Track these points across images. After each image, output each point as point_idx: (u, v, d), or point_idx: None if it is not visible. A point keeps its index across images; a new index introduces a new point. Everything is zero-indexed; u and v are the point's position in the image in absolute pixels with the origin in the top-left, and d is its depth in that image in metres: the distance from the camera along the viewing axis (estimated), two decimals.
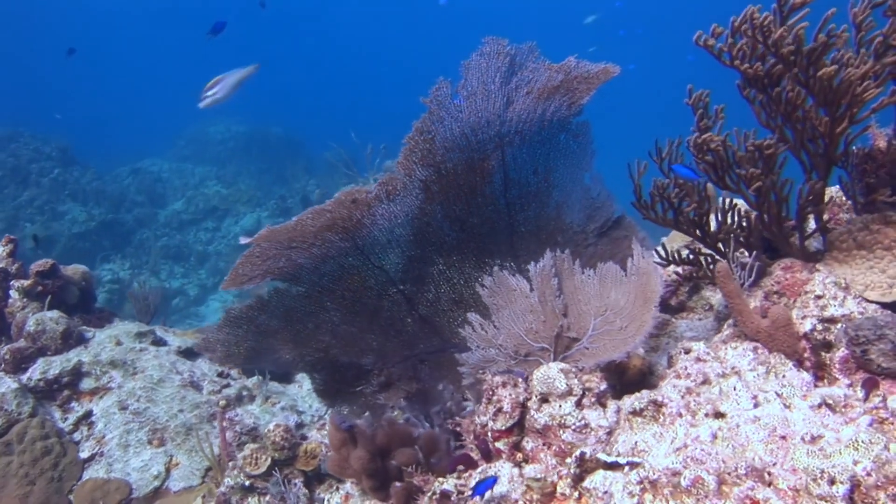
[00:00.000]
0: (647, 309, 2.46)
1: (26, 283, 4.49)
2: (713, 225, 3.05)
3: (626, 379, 2.88)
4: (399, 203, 2.60)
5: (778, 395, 2.11)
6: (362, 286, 2.73)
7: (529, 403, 2.43)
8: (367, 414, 2.99)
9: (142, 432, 4.11)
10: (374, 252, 2.69)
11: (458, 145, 2.59)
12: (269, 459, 3.61)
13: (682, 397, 2.17)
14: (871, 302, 2.65)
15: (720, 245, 3.02)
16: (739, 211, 2.95)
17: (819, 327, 2.62)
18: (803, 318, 2.67)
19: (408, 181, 2.56)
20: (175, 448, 4.12)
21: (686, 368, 2.45)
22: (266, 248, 2.42)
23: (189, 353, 4.76)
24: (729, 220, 2.98)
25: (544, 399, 2.40)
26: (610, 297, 2.58)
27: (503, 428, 2.41)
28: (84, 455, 3.97)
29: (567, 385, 2.35)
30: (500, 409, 2.40)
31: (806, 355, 2.63)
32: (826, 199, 3.04)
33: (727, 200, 3.00)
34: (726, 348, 2.58)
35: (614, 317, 2.53)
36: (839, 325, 2.61)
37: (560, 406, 2.33)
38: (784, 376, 2.32)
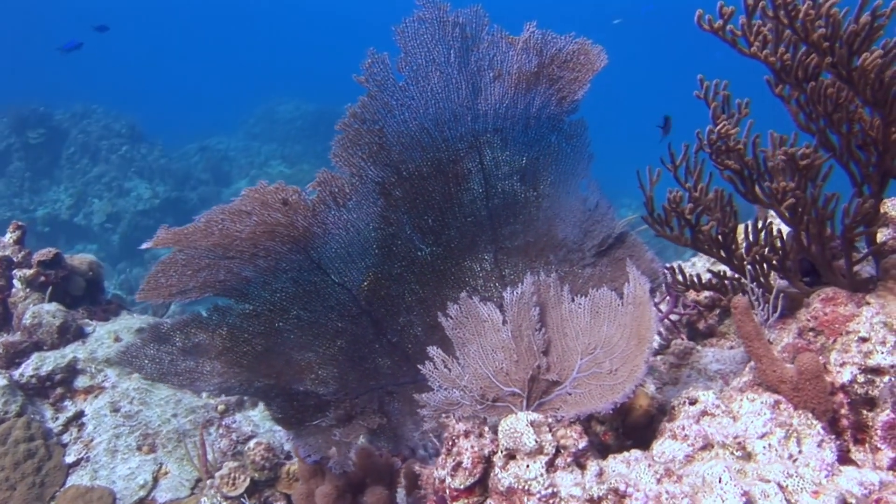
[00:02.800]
0: (641, 350, 2.03)
1: (29, 272, 4.32)
2: (742, 243, 2.57)
3: (630, 421, 2.46)
4: (354, 210, 2.23)
5: (781, 487, 1.66)
6: (321, 306, 2.38)
7: (495, 458, 2.04)
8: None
9: (132, 437, 3.89)
10: (333, 267, 2.34)
11: (419, 142, 2.20)
12: (248, 480, 3.33)
13: (658, 482, 1.74)
14: None
15: (749, 268, 2.55)
16: (771, 229, 2.46)
17: (860, 378, 2.15)
18: (842, 364, 2.20)
19: (358, 183, 2.19)
20: (165, 456, 3.89)
21: (684, 429, 2.02)
22: (192, 255, 2.10)
23: None
24: (760, 240, 2.50)
25: (511, 455, 2.01)
26: (602, 331, 2.16)
27: (462, 487, 2.04)
28: (70, 459, 3.78)
29: (537, 441, 1.96)
30: (459, 464, 2.03)
31: (843, 412, 2.16)
32: (882, 214, 2.53)
33: (760, 216, 2.52)
34: (742, 400, 2.13)
35: (604, 356, 2.11)
36: (887, 379, 2.13)
37: (527, 467, 1.94)
38: (802, 451, 1.86)
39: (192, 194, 15.05)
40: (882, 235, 3.01)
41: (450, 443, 2.09)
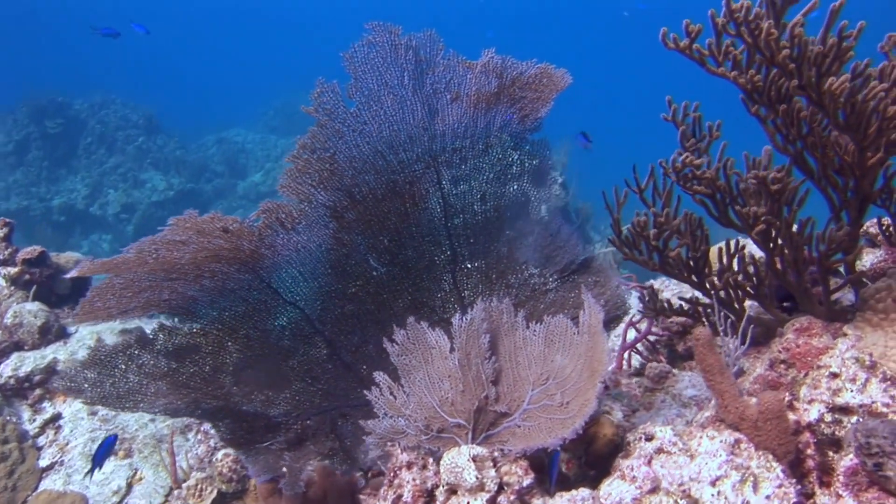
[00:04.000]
0: (593, 384, 1.94)
1: (13, 270, 4.30)
2: (716, 267, 2.46)
3: (594, 450, 2.36)
4: (304, 233, 2.16)
5: None
6: (273, 325, 2.30)
7: (437, 492, 1.96)
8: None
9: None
10: (284, 286, 2.26)
11: (373, 166, 2.12)
12: (216, 492, 3.27)
13: None
14: None
15: (723, 294, 2.43)
16: (744, 256, 2.35)
17: (828, 418, 2.04)
18: (810, 401, 2.09)
19: (308, 208, 2.11)
20: (141, 461, 3.84)
21: (633, 469, 1.92)
22: (132, 278, 2.03)
23: None
24: (733, 265, 2.39)
25: (453, 490, 1.92)
26: (555, 361, 2.06)
27: None
28: (44, 463, 3.75)
29: (478, 478, 1.87)
30: (399, 497, 1.95)
31: (809, 452, 2.05)
32: (864, 232, 2.41)
33: (732, 241, 2.41)
34: (702, 437, 2.03)
35: (556, 388, 2.01)
36: (854, 420, 2.01)
37: None
38: (757, 495, 1.76)
39: (207, 186, 15.08)
40: (872, 257, 2.88)
41: (392, 474, 2.00)
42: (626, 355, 3.11)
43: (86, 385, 2.15)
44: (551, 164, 2.14)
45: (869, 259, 2.88)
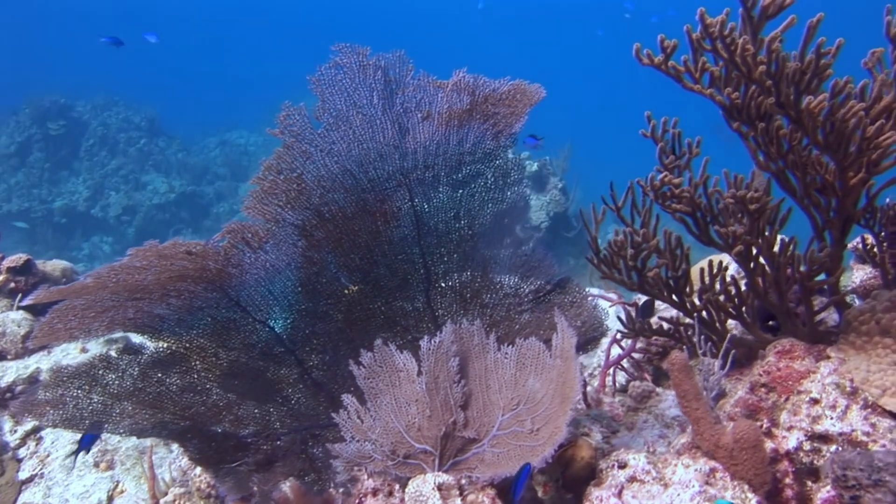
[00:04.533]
0: (564, 411, 1.88)
1: None
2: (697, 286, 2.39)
3: (570, 473, 2.30)
4: (273, 252, 2.11)
5: None
6: (242, 344, 2.25)
7: None
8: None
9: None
10: (253, 305, 2.21)
11: (342, 184, 2.06)
12: None
13: None
14: (890, 414, 1.98)
15: (704, 315, 2.37)
16: (724, 276, 2.29)
17: (807, 446, 1.98)
18: (790, 428, 2.03)
19: (275, 227, 2.06)
20: (123, 473, 3.79)
21: (601, 501, 1.86)
22: (93, 299, 1.98)
23: None
24: (716, 286, 2.33)
25: None
26: (527, 385, 2.01)
27: None
28: (23, 475, 3.70)
29: None
30: None
31: (787, 481, 1.98)
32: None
33: (714, 260, 2.35)
34: (676, 465, 1.97)
35: (527, 414, 1.96)
36: (833, 448, 1.95)
37: None
38: None
39: (208, 189, 15.07)
40: (863, 274, 2.82)
41: (357, 501, 1.95)
42: (612, 372, 3.05)
43: (48, 408, 2.10)
44: (525, 182, 2.07)
45: (859, 276, 2.82)
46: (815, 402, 2.02)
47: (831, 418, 1.97)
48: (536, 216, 9.55)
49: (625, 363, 3.03)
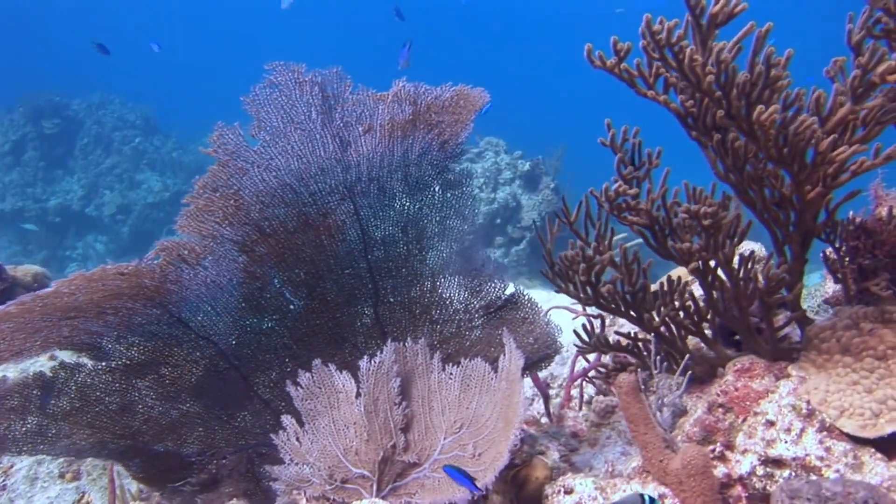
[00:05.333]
0: (507, 435, 1.81)
1: None
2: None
3: (525, 494, 2.24)
4: (212, 267, 2.04)
5: None
6: (185, 360, 2.18)
7: None
8: None
9: (55, 463, 3.73)
10: (196, 321, 2.14)
11: (282, 199, 2.00)
12: None
13: None
14: (847, 436, 1.91)
15: (664, 330, 2.29)
16: (682, 291, 2.21)
17: (760, 471, 1.91)
18: (744, 451, 1.96)
19: (213, 244, 1.99)
20: (89, 484, 3.72)
21: None
22: (22, 322, 1.91)
23: None
24: (675, 301, 2.25)
25: None
26: (471, 408, 1.94)
27: None
28: None
29: None
30: None
31: None
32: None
33: (672, 275, 2.27)
34: (625, 492, 1.89)
35: (470, 438, 1.89)
36: (787, 474, 1.88)
37: None
38: None
39: None
40: (836, 285, 2.74)
41: None
42: (580, 384, 2.98)
43: None
44: (473, 195, 2.00)
45: (832, 286, 2.74)
46: (771, 424, 1.95)
47: (786, 442, 1.90)
48: (528, 216, 9.47)
49: (594, 375, 2.95)
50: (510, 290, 2.21)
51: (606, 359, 2.93)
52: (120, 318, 2.07)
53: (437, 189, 2.10)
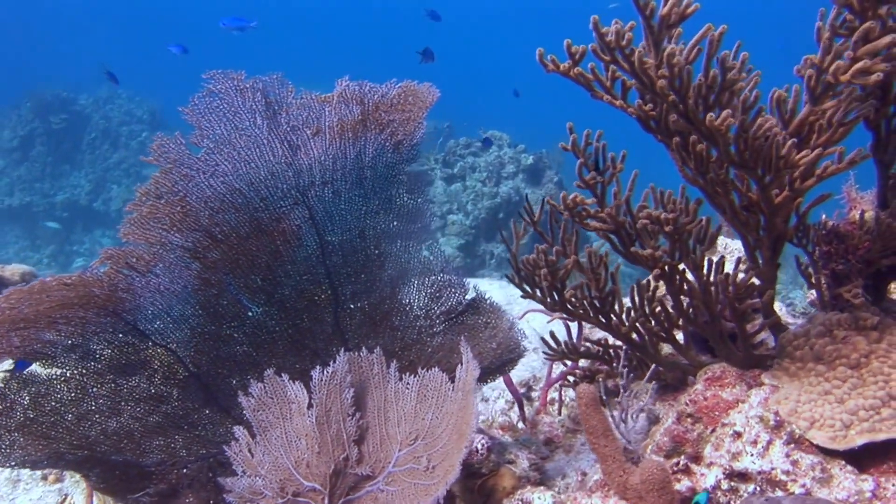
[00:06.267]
0: (459, 448, 1.75)
1: None
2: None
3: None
4: (164, 275, 1.99)
5: None
6: (143, 369, 2.14)
7: None
8: None
9: None
10: (152, 329, 2.10)
11: (232, 204, 1.95)
12: None
13: None
14: (817, 448, 1.84)
15: (635, 336, 2.23)
16: (653, 297, 2.14)
17: (724, 485, 1.85)
18: (710, 464, 1.89)
19: (162, 251, 1.94)
20: (72, 486, 3.70)
21: None
22: None
23: None
24: (645, 306, 2.18)
25: None
26: (427, 419, 1.88)
27: None
28: None
29: None
30: None
31: None
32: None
33: (642, 280, 2.20)
34: None
35: (424, 450, 1.83)
36: (751, 489, 1.82)
37: None
38: None
39: None
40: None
41: None
42: (561, 387, 2.92)
43: None
44: (430, 198, 1.94)
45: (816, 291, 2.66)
46: (738, 436, 1.89)
47: (751, 455, 1.83)
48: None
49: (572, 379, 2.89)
50: (471, 294, 2.15)
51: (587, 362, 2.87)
52: (73, 327, 2.03)
53: (393, 192, 2.04)
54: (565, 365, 2.89)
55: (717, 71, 1.56)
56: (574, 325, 2.65)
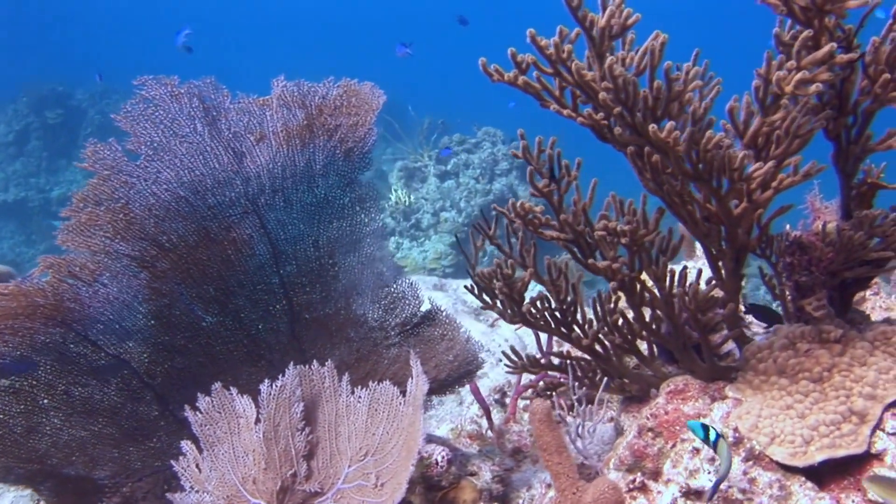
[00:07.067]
0: (406, 465, 1.71)
1: None
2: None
3: None
4: (112, 284, 1.95)
5: None
6: (95, 380, 2.10)
7: None
8: None
9: None
10: (104, 339, 2.06)
11: (179, 212, 1.90)
12: None
13: None
14: (777, 465, 1.80)
15: (599, 347, 2.18)
16: (612, 308, 2.10)
17: (680, 503, 1.80)
18: (667, 482, 1.86)
19: (108, 260, 1.90)
20: None
21: None
22: None
23: None
24: (607, 316, 2.14)
25: None
26: (377, 434, 1.84)
27: None
28: None
29: None
30: None
31: None
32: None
33: (602, 292, 2.15)
34: None
35: (374, 466, 1.79)
36: None
37: None
38: None
39: None
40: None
41: None
42: (533, 395, 2.87)
43: None
44: (381, 208, 1.90)
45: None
46: (697, 452, 1.85)
47: (709, 472, 1.79)
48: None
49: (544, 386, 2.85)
50: (426, 306, 2.10)
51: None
52: (20, 338, 1.99)
53: (346, 201, 2.00)
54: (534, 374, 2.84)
55: (662, 82, 1.51)
56: (544, 337, 2.61)
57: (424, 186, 9.49)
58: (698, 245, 3.34)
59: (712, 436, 1.55)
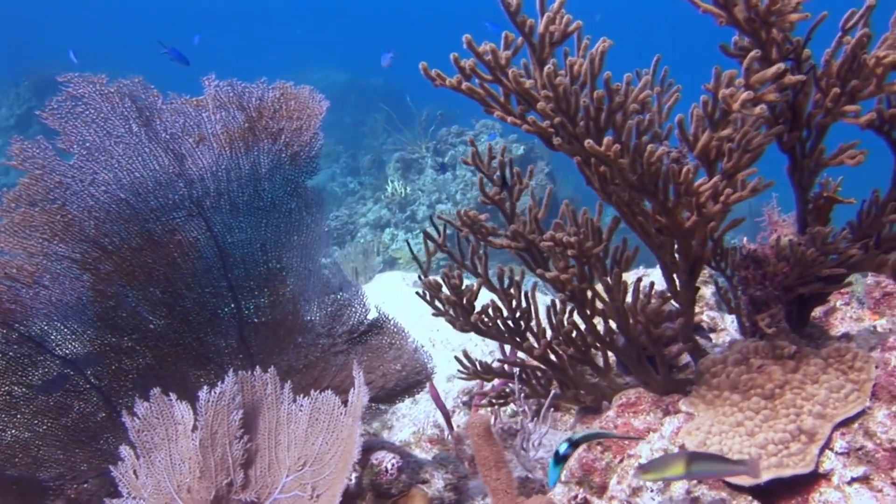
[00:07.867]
0: (340, 478, 1.68)
1: None
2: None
3: None
4: (54, 286, 1.92)
5: None
6: (41, 380, 2.07)
7: None
8: None
9: None
10: (50, 340, 2.03)
11: (119, 215, 1.87)
12: None
13: None
14: (724, 484, 1.76)
15: (553, 357, 2.14)
16: (565, 318, 2.06)
17: None
18: (611, 499, 1.82)
19: (46, 262, 1.86)
20: None
21: None
22: None
23: None
24: (562, 326, 2.09)
25: None
26: (317, 444, 1.81)
27: None
28: None
29: None
30: None
31: None
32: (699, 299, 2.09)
33: (557, 301, 2.11)
34: None
35: (311, 477, 1.76)
36: None
37: None
38: None
39: None
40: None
41: None
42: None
43: None
44: (326, 213, 1.86)
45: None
46: None
47: (651, 491, 1.75)
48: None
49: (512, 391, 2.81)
50: (373, 314, 2.07)
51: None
52: None
53: (293, 206, 1.96)
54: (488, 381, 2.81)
55: (603, 92, 1.46)
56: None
57: (421, 178, 9.44)
58: None
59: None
